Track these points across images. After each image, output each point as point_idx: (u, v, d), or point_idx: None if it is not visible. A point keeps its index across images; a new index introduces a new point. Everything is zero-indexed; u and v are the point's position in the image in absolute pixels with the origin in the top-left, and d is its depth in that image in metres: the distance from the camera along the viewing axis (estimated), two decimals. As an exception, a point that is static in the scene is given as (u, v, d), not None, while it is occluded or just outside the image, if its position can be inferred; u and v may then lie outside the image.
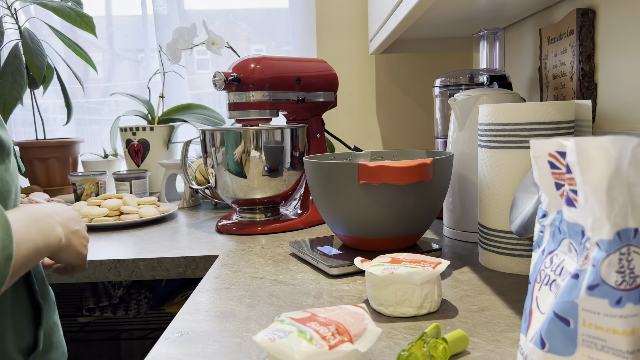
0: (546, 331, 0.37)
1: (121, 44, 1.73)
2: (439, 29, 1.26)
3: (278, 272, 0.78)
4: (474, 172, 0.88)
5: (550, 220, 0.41)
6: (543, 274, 0.41)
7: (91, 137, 1.76)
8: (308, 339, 0.44)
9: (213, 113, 1.58)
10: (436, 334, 0.50)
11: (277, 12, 1.69)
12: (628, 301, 0.34)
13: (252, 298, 0.68)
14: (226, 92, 1.04)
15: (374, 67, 1.64)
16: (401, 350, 0.47)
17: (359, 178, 0.75)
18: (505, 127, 0.72)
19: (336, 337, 0.44)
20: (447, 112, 1.03)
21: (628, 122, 0.77)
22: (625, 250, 0.34)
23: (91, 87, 1.75)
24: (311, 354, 0.42)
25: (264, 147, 1.01)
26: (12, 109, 1.34)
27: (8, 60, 1.36)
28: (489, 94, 0.86)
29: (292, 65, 1.08)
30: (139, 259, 0.89)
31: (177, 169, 1.35)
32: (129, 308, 1.31)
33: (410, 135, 1.66)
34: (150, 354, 0.53)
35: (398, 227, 0.78)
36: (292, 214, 1.11)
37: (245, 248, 0.93)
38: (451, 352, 0.49)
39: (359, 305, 0.51)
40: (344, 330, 0.45)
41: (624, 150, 0.34)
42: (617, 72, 0.79)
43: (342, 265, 0.75)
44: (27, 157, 1.46)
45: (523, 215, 0.67)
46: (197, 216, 1.24)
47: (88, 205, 1.17)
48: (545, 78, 1.02)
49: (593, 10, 0.84)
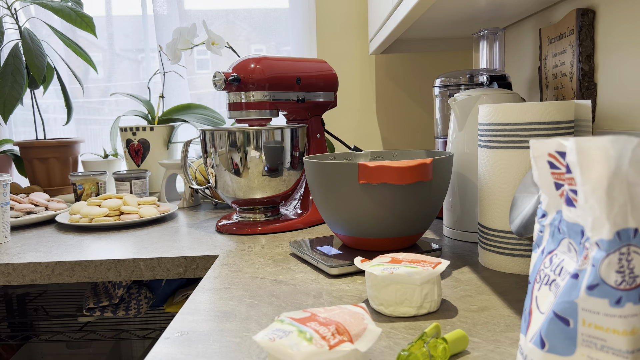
0: (546, 331, 0.37)
1: (121, 44, 1.73)
2: (439, 29, 1.26)
3: (278, 272, 0.78)
4: (474, 172, 0.88)
5: (550, 220, 0.41)
6: (543, 274, 0.41)
7: (91, 137, 1.76)
8: (308, 338, 0.44)
9: (213, 113, 1.58)
10: (436, 334, 0.50)
11: (277, 12, 1.69)
12: (628, 301, 0.34)
13: (252, 298, 0.68)
14: (226, 92, 1.04)
15: (374, 67, 1.64)
16: (401, 350, 0.48)
17: (359, 178, 0.75)
18: (505, 127, 0.72)
19: (336, 336, 0.44)
20: (447, 112, 1.03)
21: (628, 122, 0.77)
22: (625, 250, 0.34)
23: (91, 87, 1.75)
24: (311, 354, 0.42)
25: (264, 147, 1.01)
26: (12, 109, 1.34)
27: (8, 60, 1.36)
28: (489, 94, 0.86)
29: (292, 65, 1.08)
30: (139, 259, 0.89)
31: (177, 169, 1.35)
32: (129, 308, 1.31)
33: (410, 135, 1.66)
34: (150, 354, 0.53)
35: (398, 227, 0.78)
36: (292, 214, 1.11)
37: (245, 248, 0.93)
38: (451, 352, 0.50)
39: (359, 305, 0.51)
40: (344, 330, 0.45)
41: (623, 150, 0.34)
42: (616, 72, 0.79)
43: (342, 265, 0.75)
44: (27, 157, 1.46)
45: (523, 215, 0.67)
46: (197, 216, 1.24)
47: (88, 205, 1.17)
48: (545, 78, 1.02)
49: (593, 10, 0.85)
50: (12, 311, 1.56)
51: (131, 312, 1.31)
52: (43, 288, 1.58)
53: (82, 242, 1.02)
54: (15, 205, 1.21)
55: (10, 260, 0.91)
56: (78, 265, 0.89)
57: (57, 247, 0.99)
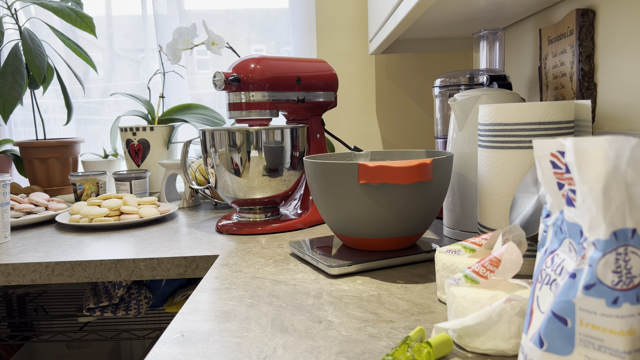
0: (544, 330, 0.37)
1: (121, 44, 1.73)
2: (439, 29, 1.26)
3: (278, 272, 0.78)
4: (474, 172, 0.88)
5: (553, 220, 0.42)
6: (544, 274, 0.41)
7: (91, 137, 1.77)
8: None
9: (213, 113, 1.58)
10: (420, 338, 0.50)
11: (277, 13, 1.69)
12: (625, 301, 0.34)
13: (252, 298, 0.68)
14: (226, 92, 1.05)
15: (374, 67, 1.64)
16: (385, 355, 0.47)
17: (359, 178, 0.75)
18: (505, 127, 0.72)
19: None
20: (447, 112, 1.03)
21: (628, 122, 0.77)
22: (622, 250, 0.34)
23: (91, 87, 1.75)
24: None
25: (264, 147, 1.01)
26: (12, 109, 1.34)
27: (8, 60, 1.36)
28: (489, 94, 0.87)
29: (292, 65, 1.08)
30: (139, 259, 0.89)
31: (177, 169, 1.35)
32: (129, 308, 1.31)
33: (410, 135, 1.66)
34: (150, 354, 0.53)
35: (398, 227, 0.78)
36: (292, 214, 1.11)
37: (245, 248, 0.93)
38: (435, 356, 0.49)
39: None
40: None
41: (621, 150, 0.34)
42: (617, 72, 0.79)
43: (342, 265, 0.75)
44: (27, 157, 1.46)
45: (523, 215, 0.67)
46: (197, 216, 1.24)
47: (88, 205, 1.17)
48: (545, 78, 1.02)
49: (593, 11, 0.85)
50: (12, 311, 1.56)
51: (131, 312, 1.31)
52: (43, 288, 1.58)
53: (82, 242, 1.03)
54: (15, 205, 1.21)
55: (10, 260, 0.91)
56: (78, 266, 0.90)
57: (57, 247, 0.99)
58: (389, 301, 0.65)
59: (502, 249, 0.53)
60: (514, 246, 0.52)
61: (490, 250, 0.63)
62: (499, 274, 0.53)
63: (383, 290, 0.69)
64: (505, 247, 0.53)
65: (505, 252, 0.53)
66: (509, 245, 0.53)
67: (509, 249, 0.53)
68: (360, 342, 0.54)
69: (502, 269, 0.52)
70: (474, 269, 0.54)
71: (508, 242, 0.53)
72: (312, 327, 0.58)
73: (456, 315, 0.52)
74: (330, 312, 0.62)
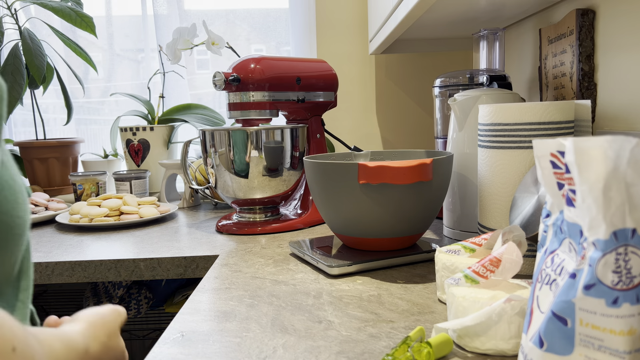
0: (544, 330, 0.37)
1: (121, 44, 1.73)
2: (439, 29, 1.26)
3: (278, 272, 0.78)
4: (474, 172, 0.88)
5: (553, 220, 0.41)
6: (544, 274, 0.41)
7: (91, 137, 1.77)
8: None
9: (213, 113, 1.58)
10: (420, 338, 0.50)
11: (277, 13, 1.69)
12: (625, 301, 0.34)
13: (252, 298, 0.68)
14: (226, 92, 1.05)
15: (374, 67, 1.64)
16: (385, 354, 0.47)
17: (359, 178, 0.75)
18: (505, 127, 0.72)
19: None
20: (447, 112, 1.03)
21: (628, 122, 0.77)
22: (622, 250, 0.34)
23: (91, 87, 1.75)
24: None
25: (264, 147, 1.01)
26: (12, 109, 1.34)
27: (8, 60, 1.36)
28: (489, 94, 0.87)
29: (292, 65, 1.08)
30: (139, 259, 0.89)
31: (177, 169, 1.35)
32: (129, 308, 1.31)
33: (410, 135, 1.66)
34: (150, 354, 0.53)
35: (398, 227, 0.78)
36: (292, 214, 1.11)
37: (245, 248, 0.93)
38: (435, 356, 0.49)
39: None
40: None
41: (621, 150, 0.34)
42: (616, 72, 0.79)
43: (342, 265, 0.75)
44: (27, 157, 1.46)
45: (523, 215, 0.67)
46: (197, 216, 1.24)
47: (88, 205, 1.17)
48: (545, 78, 1.02)
49: (593, 11, 0.85)
50: (13, 311, 1.56)
51: (131, 312, 1.31)
52: (43, 288, 1.58)
53: (82, 242, 1.03)
54: (15, 205, 1.21)
55: (11, 260, 0.91)
56: (78, 265, 0.90)
57: (57, 247, 0.99)
58: (389, 301, 0.65)
59: (502, 249, 0.53)
60: (514, 246, 0.52)
61: (490, 250, 0.63)
62: (499, 274, 0.53)
63: (383, 290, 0.69)
64: (505, 247, 0.53)
65: (505, 252, 0.53)
66: (509, 245, 0.53)
67: (509, 249, 0.53)
68: (360, 342, 0.54)
69: (502, 269, 0.52)
70: (474, 269, 0.54)
71: (508, 242, 0.53)
72: (312, 327, 0.58)
73: (456, 315, 0.52)
74: (330, 312, 0.62)
